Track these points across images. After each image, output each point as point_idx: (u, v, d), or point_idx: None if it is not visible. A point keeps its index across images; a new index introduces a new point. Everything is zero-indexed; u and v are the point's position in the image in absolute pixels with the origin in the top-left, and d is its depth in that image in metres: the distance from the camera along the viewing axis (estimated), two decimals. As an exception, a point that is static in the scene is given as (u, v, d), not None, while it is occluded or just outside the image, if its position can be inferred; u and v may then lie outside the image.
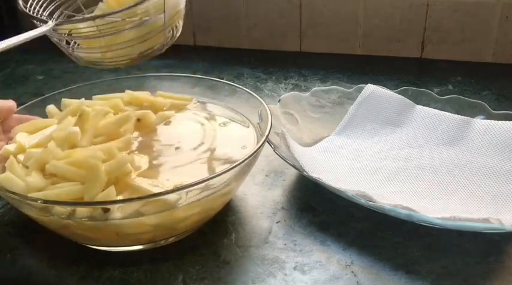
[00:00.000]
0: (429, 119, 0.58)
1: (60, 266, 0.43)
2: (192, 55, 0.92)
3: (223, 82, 0.64)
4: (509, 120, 0.56)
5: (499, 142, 0.54)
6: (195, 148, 0.50)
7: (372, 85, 0.63)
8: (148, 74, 0.70)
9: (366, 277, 0.41)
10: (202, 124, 0.57)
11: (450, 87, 0.76)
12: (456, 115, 0.56)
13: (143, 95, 0.59)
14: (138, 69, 0.86)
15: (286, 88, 0.77)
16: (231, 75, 0.83)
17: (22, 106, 0.55)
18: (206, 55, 0.91)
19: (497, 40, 0.81)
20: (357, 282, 0.41)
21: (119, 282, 0.41)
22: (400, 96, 0.61)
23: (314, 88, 0.64)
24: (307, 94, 0.63)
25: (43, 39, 0.50)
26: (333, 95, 0.64)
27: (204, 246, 0.45)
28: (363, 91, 0.62)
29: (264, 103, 0.53)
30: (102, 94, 0.61)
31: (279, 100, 0.61)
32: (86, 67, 0.88)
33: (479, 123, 0.56)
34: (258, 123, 0.53)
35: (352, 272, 0.42)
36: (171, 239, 0.45)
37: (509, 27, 0.80)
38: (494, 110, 0.58)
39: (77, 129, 0.47)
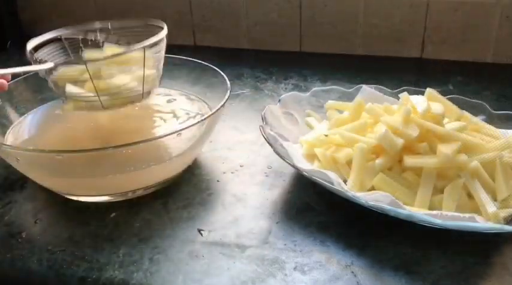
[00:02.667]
0: None
1: (60, 266, 0.43)
2: (192, 55, 0.92)
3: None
4: (509, 120, 0.56)
5: None
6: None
7: (367, 87, 0.63)
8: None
9: (366, 277, 0.41)
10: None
11: (450, 87, 0.76)
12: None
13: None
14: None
15: (286, 88, 0.77)
16: (231, 75, 0.82)
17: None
18: (206, 55, 0.91)
19: (497, 40, 0.81)
20: (357, 282, 0.41)
21: (118, 283, 0.41)
22: (393, 99, 0.61)
23: (314, 89, 0.64)
24: (307, 94, 0.63)
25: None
26: (333, 95, 0.64)
27: (204, 248, 0.45)
28: (358, 94, 0.62)
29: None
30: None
31: (279, 100, 0.61)
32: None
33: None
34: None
35: (352, 272, 0.42)
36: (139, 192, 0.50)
37: (509, 27, 0.80)
38: (494, 110, 0.58)
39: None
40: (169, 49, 0.87)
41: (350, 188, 0.47)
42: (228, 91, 0.56)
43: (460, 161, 0.47)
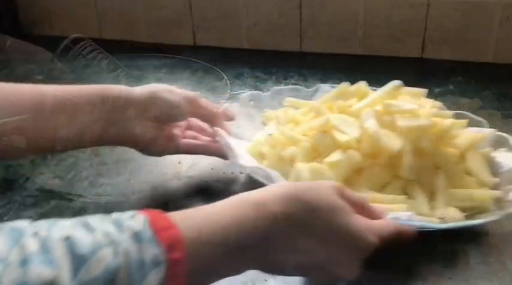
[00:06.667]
0: None
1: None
2: (192, 55, 0.92)
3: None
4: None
5: None
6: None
7: (325, 86, 0.63)
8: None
9: (366, 278, 0.41)
10: None
11: (451, 87, 0.76)
12: None
13: None
14: (138, 69, 0.86)
15: (286, 88, 0.77)
16: (231, 74, 0.83)
17: None
18: (206, 55, 0.91)
19: (497, 40, 0.81)
20: (358, 283, 0.41)
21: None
22: None
23: (275, 87, 0.64)
24: (268, 93, 0.63)
25: (43, 39, 0.50)
26: (294, 94, 0.63)
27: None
28: (317, 93, 0.62)
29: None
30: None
31: (238, 99, 0.60)
32: (85, 67, 0.88)
33: None
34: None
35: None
36: None
37: (509, 27, 0.80)
38: (494, 110, 0.58)
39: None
40: (170, 49, 0.87)
41: None
42: (228, 91, 0.56)
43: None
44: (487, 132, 0.53)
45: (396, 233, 0.38)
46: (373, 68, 0.83)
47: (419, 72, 0.82)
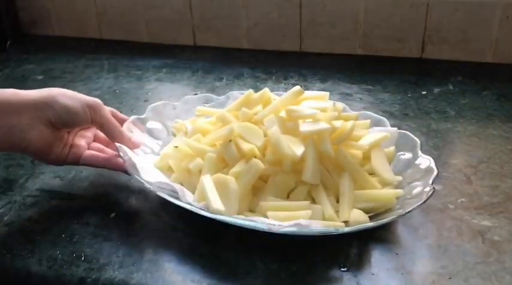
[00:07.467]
0: None
1: (60, 266, 0.43)
2: (192, 55, 0.92)
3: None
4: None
5: None
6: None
7: (235, 93, 0.62)
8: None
9: (366, 278, 0.41)
10: None
11: (450, 86, 0.76)
12: None
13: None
14: (138, 69, 0.86)
15: (286, 88, 0.77)
16: (231, 75, 0.83)
17: None
18: (206, 55, 0.91)
19: (497, 40, 0.81)
20: (357, 282, 0.41)
21: (117, 283, 0.41)
22: None
23: (186, 97, 0.63)
24: (179, 103, 0.61)
25: (43, 39, 0.50)
26: (205, 103, 0.62)
27: (205, 246, 0.45)
28: (229, 100, 0.61)
29: None
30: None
31: (148, 110, 0.58)
32: (85, 68, 0.88)
33: None
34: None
35: (353, 273, 0.42)
36: None
37: (509, 27, 0.80)
38: (494, 110, 0.58)
39: None
40: (170, 49, 0.87)
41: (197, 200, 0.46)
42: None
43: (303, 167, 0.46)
44: (391, 130, 0.53)
45: None
46: (373, 68, 0.83)
47: (419, 72, 0.82)
